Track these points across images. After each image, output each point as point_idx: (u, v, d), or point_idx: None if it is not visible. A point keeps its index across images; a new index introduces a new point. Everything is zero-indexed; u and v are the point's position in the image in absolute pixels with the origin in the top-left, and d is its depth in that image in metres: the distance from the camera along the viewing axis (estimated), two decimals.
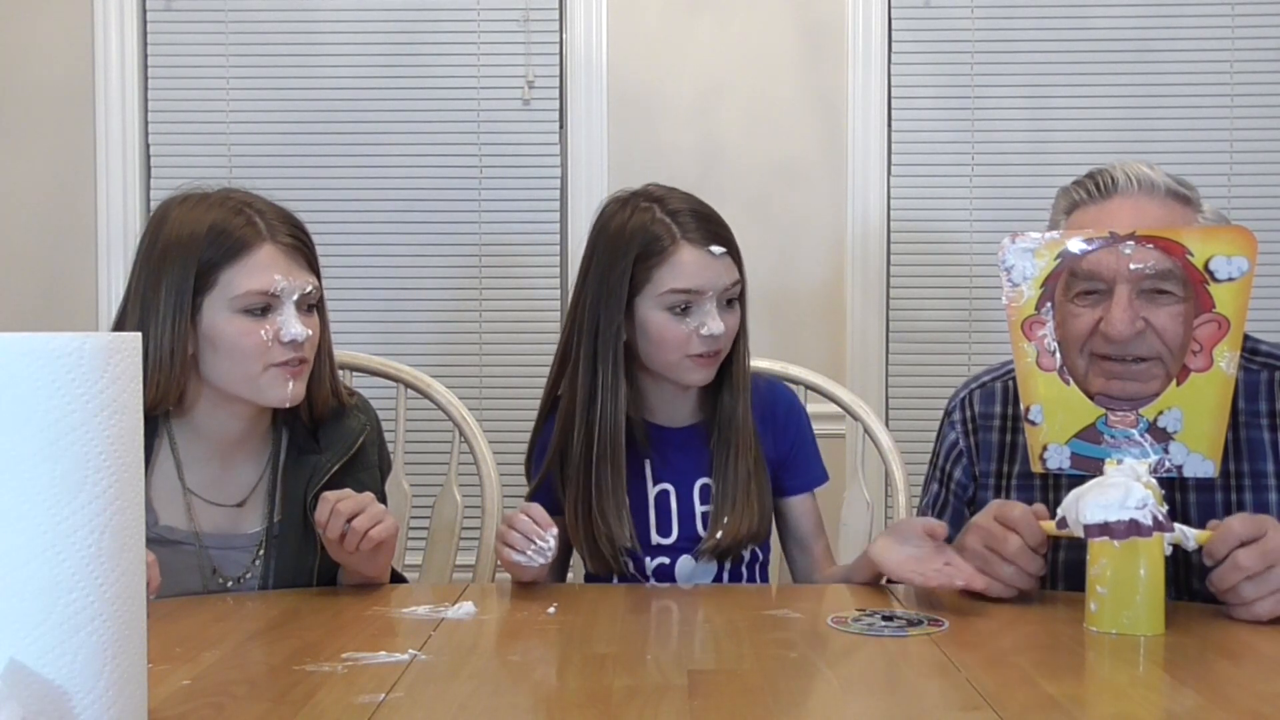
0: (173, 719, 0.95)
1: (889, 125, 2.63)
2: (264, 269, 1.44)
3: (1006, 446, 1.55)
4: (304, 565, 1.52)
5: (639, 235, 1.53)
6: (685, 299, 1.53)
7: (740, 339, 1.60)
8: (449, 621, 1.28)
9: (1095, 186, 1.43)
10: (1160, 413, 1.30)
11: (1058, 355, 1.34)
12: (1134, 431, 1.30)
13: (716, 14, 2.62)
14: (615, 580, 1.59)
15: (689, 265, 1.52)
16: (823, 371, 1.99)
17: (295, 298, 1.46)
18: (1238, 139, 2.59)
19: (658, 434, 1.62)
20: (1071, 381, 1.34)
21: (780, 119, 2.63)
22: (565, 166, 2.64)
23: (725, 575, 1.61)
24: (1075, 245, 1.33)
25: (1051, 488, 1.49)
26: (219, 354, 1.44)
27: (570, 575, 1.73)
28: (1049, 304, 1.34)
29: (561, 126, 2.64)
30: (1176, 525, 1.24)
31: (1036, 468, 1.36)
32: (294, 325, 1.44)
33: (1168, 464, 1.29)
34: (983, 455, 1.56)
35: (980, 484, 1.57)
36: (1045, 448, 1.35)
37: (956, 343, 2.63)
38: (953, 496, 1.59)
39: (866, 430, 1.88)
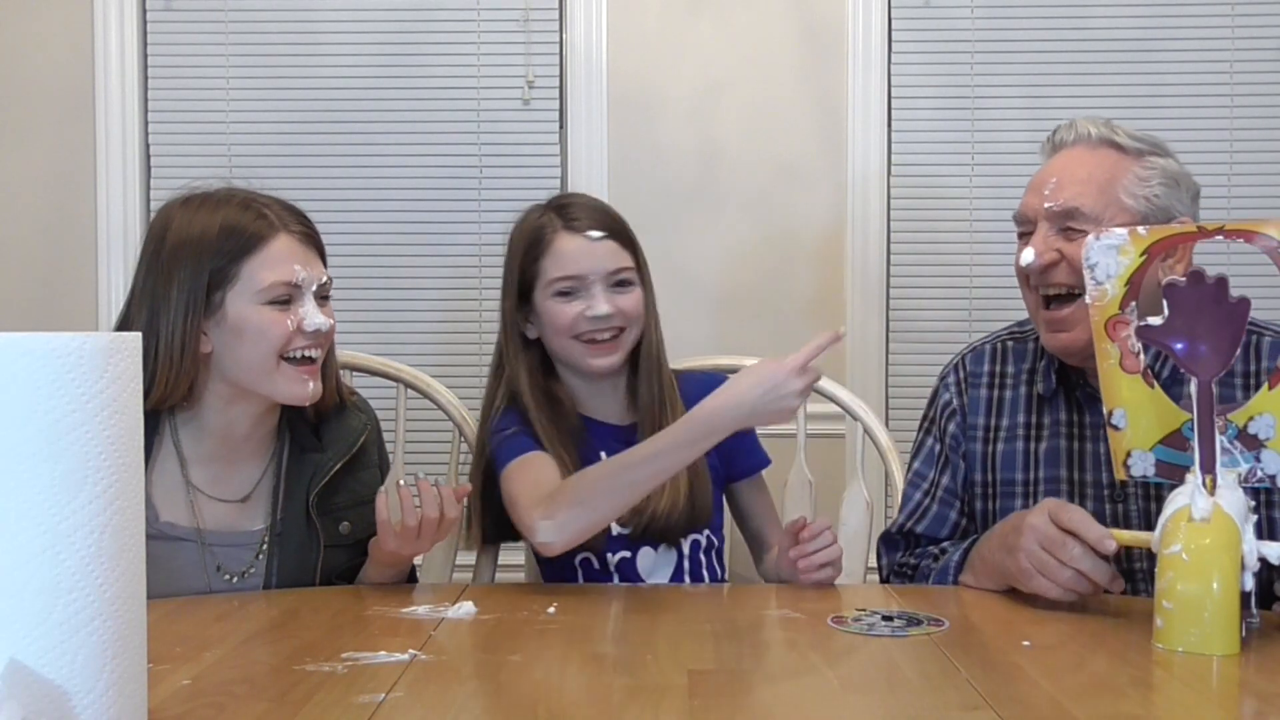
0: (173, 719, 0.95)
1: (889, 125, 2.63)
2: (283, 260, 1.46)
3: (993, 402, 1.62)
4: (307, 563, 1.52)
5: (527, 234, 1.66)
6: (570, 284, 1.62)
7: (649, 328, 1.67)
8: (449, 621, 1.28)
9: (1050, 144, 1.57)
10: (1250, 418, 1.21)
11: (1142, 357, 1.27)
12: (1222, 438, 1.20)
13: (716, 14, 2.62)
14: (579, 580, 1.63)
15: (567, 253, 1.62)
16: (823, 371, 1.99)
17: (314, 288, 1.48)
18: (1238, 139, 2.59)
19: (604, 430, 1.67)
20: (1156, 384, 1.27)
21: (780, 119, 2.62)
22: (565, 166, 2.63)
23: (685, 563, 1.64)
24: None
25: (1034, 439, 1.57)
26: (243, 344, 1.45)
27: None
28: (1133, 303, 1.27)
29: (561, 126, 2.64)
30: (1260, 542, 1.16)
31: (1120, 475, 1.30)
32: (316, 316, 1.47)
33: (1260, 473, 1.21)
34: (972, 409, 1.63)
35: (969, 436, 1.62)
36: (1129, 454, 1.28)
37: (956, 343, 2.60)
38: (949, 450, 1.63)
39: (866, 430, 1.89)
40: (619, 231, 1.65)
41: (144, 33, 2.63)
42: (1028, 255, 1.50)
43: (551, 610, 1.34)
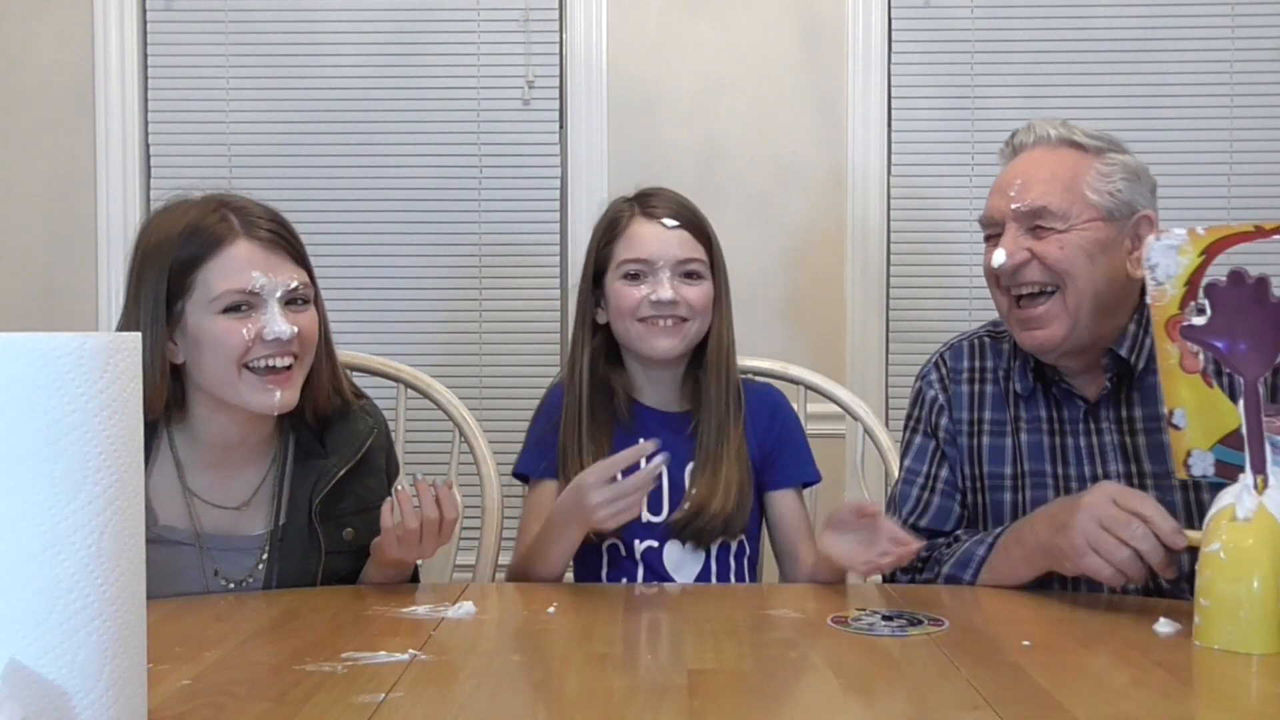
0: (173, 719, 0.95)
1: (889, 125, 2.63)
2: (241, 266, 1.42)
3: (975, 396, 1.64)
4: (308, 569, 1.51)
5: (606, 219, 1.72)
6: (637, 267, 1.66)
7: (719, 324, 1.69)
8: (449, 621, 1.28)
9: (1010, 148, 1.61)
10: None
11: (1201, 356, 1.26)
12: (1277, 438, 1.18)
13: (716, 14, 2.62)
14: (604, 565, 1.63)
15: (639, 237, 1.67)
16: (823, 371, 2.00)
17: (278, 294, 1.44)
18: (1238, 139, 2.59)
19: (652, 416, 1.70)
20: (1215, 384, 1.26)
21: (780, 119, 2.62)
22: (565, 166, 2.63)
23: (713, 564, 1.63)
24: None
25: (1014, 432, 1.58)
26: (203, 354, 1.43)
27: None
28: (1193, 303, 1.26)
29: (561, 126, 2.64)
30: None
31: (1180, 474, 1.29)
32: (278, 323, 1.42)
33: None
34: (956, 404, 1.64)
35: (955, 429, 1.64)
36: (1189, 454, 1.27)
37: None
38: (944, 445, 1.64)
39: (866, 430, 1.89)
40: (694, 224, 1.69)
41: (144, 33, 2.63)
42: (999, 256, 1.52)
43: (551, 610, 1.34)
